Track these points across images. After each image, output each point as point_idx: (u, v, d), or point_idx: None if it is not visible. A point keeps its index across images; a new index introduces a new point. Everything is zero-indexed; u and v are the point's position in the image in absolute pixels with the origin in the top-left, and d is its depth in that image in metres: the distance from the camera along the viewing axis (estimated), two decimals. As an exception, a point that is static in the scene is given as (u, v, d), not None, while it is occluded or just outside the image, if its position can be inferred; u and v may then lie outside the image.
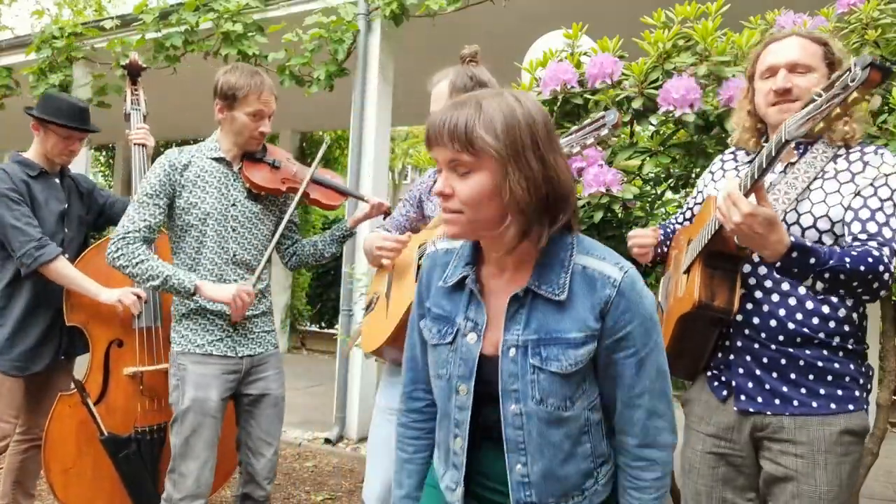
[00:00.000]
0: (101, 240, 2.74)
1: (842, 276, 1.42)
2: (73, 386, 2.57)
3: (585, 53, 2.59)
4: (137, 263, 2.17)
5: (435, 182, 2.14)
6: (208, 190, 2.28)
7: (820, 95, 1.29)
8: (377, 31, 4.84)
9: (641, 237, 1.89)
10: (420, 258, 2.08)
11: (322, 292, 10.42)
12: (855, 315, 1.57)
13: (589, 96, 2.44)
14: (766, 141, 1.68)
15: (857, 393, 1.55)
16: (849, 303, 1.56)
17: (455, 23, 4.55)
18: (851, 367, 1.55)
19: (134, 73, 2.96)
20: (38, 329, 2.60)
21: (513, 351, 1.20)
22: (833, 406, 1.53)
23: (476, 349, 1.23)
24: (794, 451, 1.54)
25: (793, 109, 1.52)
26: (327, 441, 4.77)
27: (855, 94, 1.24)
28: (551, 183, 1.14)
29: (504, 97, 1.16)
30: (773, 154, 1.35)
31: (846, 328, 1.55)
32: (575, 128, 1.86)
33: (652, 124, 2.48)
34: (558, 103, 2.49)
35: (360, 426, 4.86)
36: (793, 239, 1.41)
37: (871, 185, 1.52)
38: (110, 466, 2.51)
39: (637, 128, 2.53)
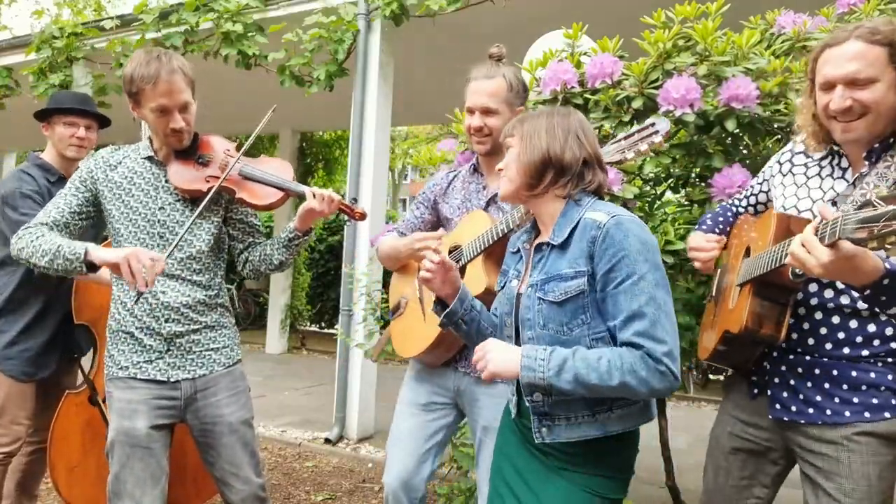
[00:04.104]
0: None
1: None
2: (81, 383, 2.56)
3: (585, 53, 2.59)
4: (33, 241, 1.92)
5: (449, 184, 2.28)
6: (134, 193, 2.04)
7: (881, 203, 1.15)
8: (377, 31, 4.84)
9: (702, 250, 1.78)
10: (457, 262, 2.03)
11: (322, 292, 10.43)
12: None
13: (589, 96, 2.44)
14: (834, 143, 1.60)
15: (893, 402, 1.51)
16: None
17: (455, 23, 4.55)
18: (890, 377, 1.51)
19: None
20: (46, 334, 2.58)
21: (529, 290, 1.55)
22: (867, 415, 1.51)
23: (515, 289, 1.61)
24: (823, 450, 1.55)
25: (857, 128, 1.49)
26: (327, 441, 4.77)
27: None
28: (552, 154, 1.51)
29: (546, 111, 1.58)
30: (826, 244, 1.26)
31: (892, 345, 1.52)
32: (623, 134, 1.85)
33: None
34: (558, 103, 2.49)
35: (360, 426, 4.86)
36: (888, 266, 1.33)
37: None
38: None
39: (637, 128, 2.53)
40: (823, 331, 1.56)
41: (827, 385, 1.55)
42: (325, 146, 10.27)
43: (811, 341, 1.57)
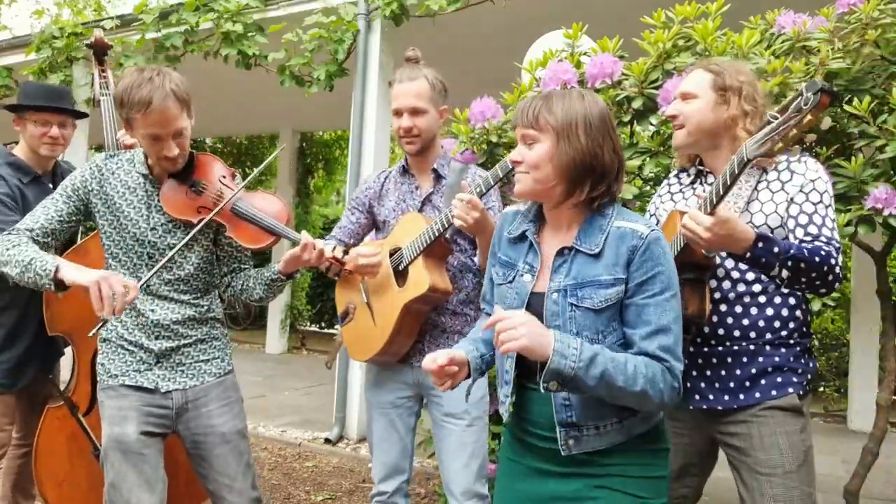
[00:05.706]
0: (84, 239, 2.53)
1: (802, 265, 1.57)
2: (58, 396, 2.49)
3: (585, 53, 2.59)
4: (9, 249, 1.84)
5: (382, 186, 2.29)
6: (125, 209, 1.97)
7: (776, 118, 1.42)
8: (377, 31, 4.84)
9: None
10: (398, 266, 2.13)
11: (322, 292, 10.43)
12: (798, 312, 1.75)
13: (589, 96, 2.44)
14: (698, 161, 1.89)
15: (794, 379, 1.72)
16: (791, 301, 1.73)
17: (455, 23, 4.55)
18: (791, 358, 1.72)
19: (100, 52, 2.71)
20: (22, 346, 2.49)
21: (555, 295, 1.46)
22: (773, 392, 1.70)
23: (529, 286, 1.51)
24: (738, 430, 1.72)
25: (678, 135, 1.82)
26: (327, 441, 4.77)
27: (809, 117, 1.37)
28: (594, 158, 1.42)
29: (571, 94, 1.45)
30: (737, 172, 1.51)
31: (791, 325, 1.73)
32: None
33: (652, 124, 2.48)
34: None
35: (360, 426, 4.86)
36: (756, 231, 1.58)
37: (801, 191, 1.69)
38: None
39: (637, 128, 2.53)
40: (730, 321, 1.74)
41: (738, 372, 1.73)
42: (325, 146, 10.27)
43: (721, 332, 1.75)
